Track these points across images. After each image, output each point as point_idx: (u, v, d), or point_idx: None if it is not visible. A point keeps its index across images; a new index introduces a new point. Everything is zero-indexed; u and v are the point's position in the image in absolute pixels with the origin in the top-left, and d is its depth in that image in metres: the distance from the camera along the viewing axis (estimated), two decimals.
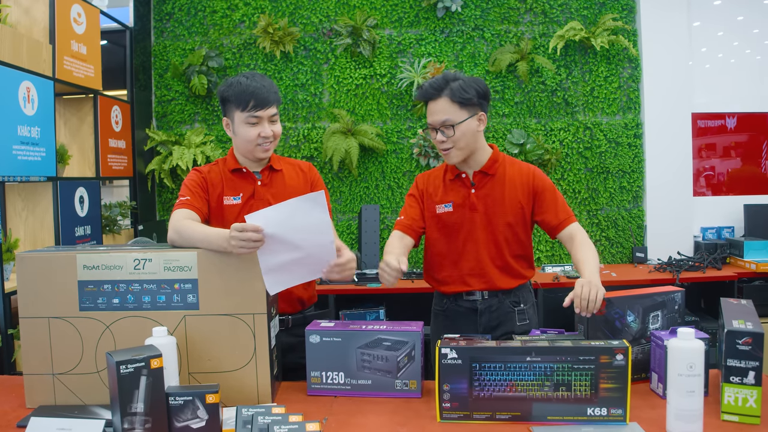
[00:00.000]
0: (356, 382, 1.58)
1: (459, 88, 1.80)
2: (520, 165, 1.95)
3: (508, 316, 1.93)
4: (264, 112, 1.77)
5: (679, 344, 1.29)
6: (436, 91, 1.83)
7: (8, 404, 1.55)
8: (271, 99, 1.79)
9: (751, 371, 1.34)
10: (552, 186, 1.93)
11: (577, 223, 1.90)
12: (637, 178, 3.78)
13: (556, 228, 1.89)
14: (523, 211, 1.91)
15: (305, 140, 3.79)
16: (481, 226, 1.89)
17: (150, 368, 1.28)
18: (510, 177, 1.92)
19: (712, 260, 3.46)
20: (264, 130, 1.79)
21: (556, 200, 1.91)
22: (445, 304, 1.99)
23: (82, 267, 1.51)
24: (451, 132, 1.82)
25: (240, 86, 1.76)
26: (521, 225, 1.92)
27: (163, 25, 3.83)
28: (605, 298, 1.60)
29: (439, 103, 1.82)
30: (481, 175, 1.91)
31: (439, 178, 1.97)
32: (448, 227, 1.92)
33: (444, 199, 1.93)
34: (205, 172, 1.87)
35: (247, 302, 1.51)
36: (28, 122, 2.54)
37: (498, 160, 1.93)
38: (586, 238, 1.86)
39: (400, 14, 3.76)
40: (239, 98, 1.76)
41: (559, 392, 1.36)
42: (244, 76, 1.80)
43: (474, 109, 1.83)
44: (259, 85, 1.77)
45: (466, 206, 1.90)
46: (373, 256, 3.53)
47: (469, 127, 1.83)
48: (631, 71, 3.76)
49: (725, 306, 1.52)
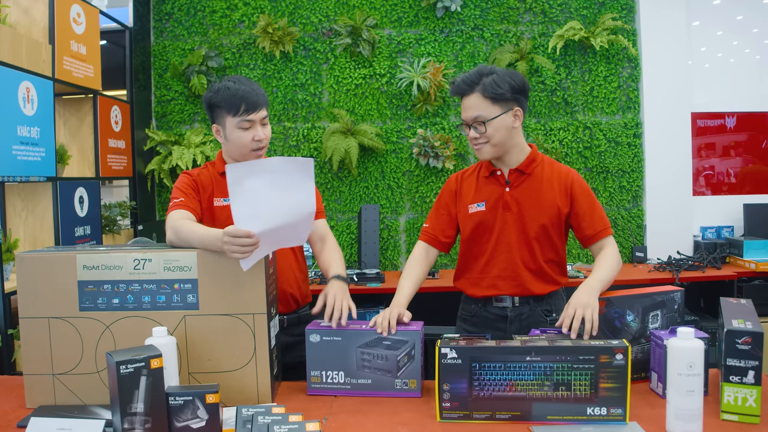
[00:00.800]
0: (356, 382, 1.58)
1: (491, 83, 1.73)
2: (559, 166, 1.87)
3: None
4: (256, 115, 1.75)
5: (678, 344, 1.29)
6: (468, 86, 1.76)
7: (8, 404, 1.55)
8: (261, 101, 1.77)
9: (750, 371, 1.34)
10: (591, 192, 1.85)
11: (611, 237, 1.81)
12: (637, 177, 3.78)
13: (591, 238, 1.81)
14: (559, 214, 1.82)
15: (305, 140, 3.79)
16: (514, 227, 1.82)
17: (150, 368, 1.28)
18: (548, 177, 1.83)
19: (711, 260, 3.46)
20: (257, 133, 1.76)
21: (594, 208, 1.82)
22: (473, 310, 1.91)
23: (82, 267, 1.51)
24: (483, 128, 1.75)
25: (229, 91, 1.74)
26: (556, 228, 1.83)
27: (162, 25, 3.82)
28: (604, 298, 1.60)
29: (471, 99, 1.76)
30: (517, 173, 1.84)
31: (473, 177, 1.91)
32: (479, 227, 1.85)
33: (477, 197, 1.86)
34: (194, 174, 1.87)
35: (247, 302, 1.51)
36: (27, 122, 2.54)
37: (536, 160, 1.85)
38: (614, 252, 1.77)
39: (400, 14, 3.76)
40: (230, 103, 1.73)
41: (559, 392, 1.36)
42: (230, 80, 1.77)
43: (508, 104, 1.76)
44: (248, 88, 1.75)
45: (499, 205, 1.83)
46: (372, 256, 3.53)
47: (503, 123, 1.76)
48: (630, 71, 3.76)
49: (725, 305, 1.52)
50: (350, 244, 3.81)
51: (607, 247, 1.79)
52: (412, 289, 1.83)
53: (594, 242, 1.81)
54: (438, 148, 3.60)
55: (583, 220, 1.82)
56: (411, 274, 1.86)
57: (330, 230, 1.98)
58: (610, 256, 1.76)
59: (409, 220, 3.80)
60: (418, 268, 1.88)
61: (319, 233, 1.93)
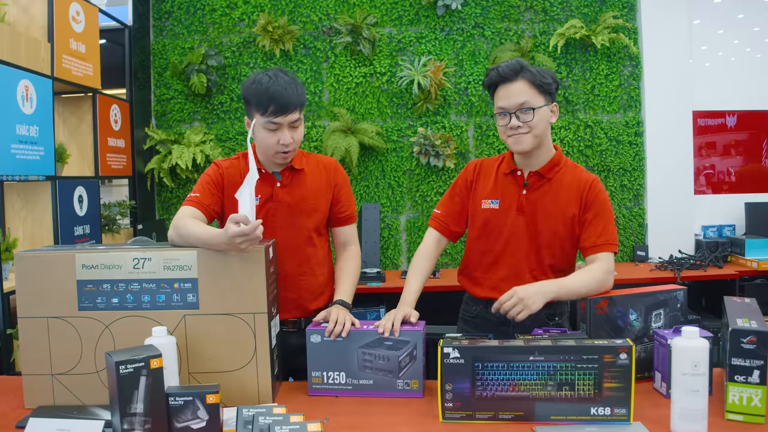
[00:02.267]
0: (357, 382, 1.56)
1: (538, 73, 1.70)
2: (581, 173, 1.79)
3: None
4: (284, 118, 1.67)
5: (683, 343, 1.28)
6: (513, 72, 1.71)
7: (7, 405, 1.54)
8: (293, 103, 1.67)
9: (755, 370, 1.32)
10: (606, 204, 1.75)
11: (610, 254, 1.72)
12: (638, 176, 3.77)
13: (588, 249, 1.73)
14: (572, 223, 1.75)
15: (305, 139, 3.77)
16: (525, 231, 1.76)
17: (150, 368, 1.27)
18: (567, 184, 1.76)
19: (713, 258, 3.45)
20: (284, 137, 1.68)
21: (602, 220, 1.73)
22: (476, 311, 1.88)
23: (81, 266, 1.49)
24: (530, 116, 1.69)
25: (261, 87, 1.65)
26: (569, 238, 1.77)
27: (162, 23, 3.81)
28: (607, 297, 1.59)
29: (517, 86, 1.70)
30: (537, 176, 1.78)
31: (492, 169, 1.84)
32: (489, 226, 1.80)
33: (492, 194, 1.81)
34: (224, 167, 1.79)
35: (248, 302, 1.50)
36: (26, 121, 2.52)
37: (559, 164, 1.79)
38: (602, 267, 1.68)
39: (400, 12, 3.75)
40: (259, 101, 1.66)
41: (563, 392, 1.35)
42: (267, 74, 1.68)
43: (550, 97, 1.73)
44: (281, 88, 1.65)
45: (513, 207, 1.78)
46: (373, 255, 3.52)
47: (545, 115, 1.72)
48: (631, 69, 3.75)
49: (729, 304, 1.51)
50: None
51: (597, 261, 1.71)
52: (420, 285, 1.81)
53: (589, 254, 1.73)
54: (439, 146, 3.59)
55: (587, 229, 1.74)
56: (419, 271, 1.83)
57: (356, 238, 1.90)
58: (593, 270, 1.68)
59: (410, 219, 3.79)
60: (426, 263, 1.85)
61: (343, 239, 1.89)
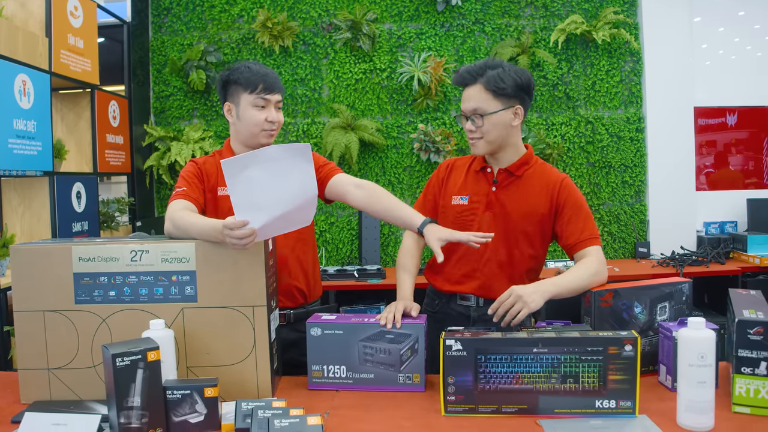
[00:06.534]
0: (358, 376, 1.54)
1: (495, 77, 1.68)
2: (551, 172, 1.79)
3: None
4: (272, 96, 1.77)
5: (689, 334, 1.26)
6: (471, 76, 1.71)
7: (3, 400, 1.52)
8: (279, 85, 1.80)
9: (762, 362, 1.30)
10: (580, 201, 1.75)
11: (598, 247, 1.71)
12: (640, 172, 3.75)
13: (574, 247, 1.72)
14: (542, 223, 1.75)
15: (305, 135, 3.76)
16: (493, 228, 1.74)
17: (147, 361, 1.25)
18: (537, 183, 1.76)
19: (715, 255, 3.43)
20: (271, 114, 1.78)
21: (581, 217, 1.73)
22: (437, 306, 1.87)
23: (77, 259, 1.47)
24: (480, 122, 1.70)
25: (249, 70, 1.77)
26: (538, 237, 1.77)
27: (161, 20, 3.79)
28: (612, 290, 1.57)
29: (473, 90, 1.71)
30: (506, 173, 1.77)
31: (464, 167, 1.86)
32: (458, 220, 1.80)
33: (462, 190, 1.82)
34: (200, 163, 1.85)
35: (247, 295, 1.48)
36: (24, 116, 2.50)
37: (528, 163, 1.78)
38: (594, 261, 1.67)
39: (400, 8, 3.73)
40: (248, 80, 1.75)
41: (567, 384, 1.33)
42: (249, 63, 1.81)
43: (510, 101, 1.70)
44: (267, 71, 1.79)
45: (481, 203, 1.78)
46: (373, 252, 3.50)
47: (501, 119, 1.70)
48: (632, 65, 3.73)
49: (734, 296, 1.49)
50: (351, 240, 3.78)
51: (588, 256, 1.69)
52: (412, 280, 1.80)
53: (576, 251, 1.72)
54: (439, 143, 3.57)
55: (567, 228, 1.73)
56: (408, 267, 1.83)
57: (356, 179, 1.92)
58: (587, 264, 1.67)
59: None
60: (412, 260, 1.85)
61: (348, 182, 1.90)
